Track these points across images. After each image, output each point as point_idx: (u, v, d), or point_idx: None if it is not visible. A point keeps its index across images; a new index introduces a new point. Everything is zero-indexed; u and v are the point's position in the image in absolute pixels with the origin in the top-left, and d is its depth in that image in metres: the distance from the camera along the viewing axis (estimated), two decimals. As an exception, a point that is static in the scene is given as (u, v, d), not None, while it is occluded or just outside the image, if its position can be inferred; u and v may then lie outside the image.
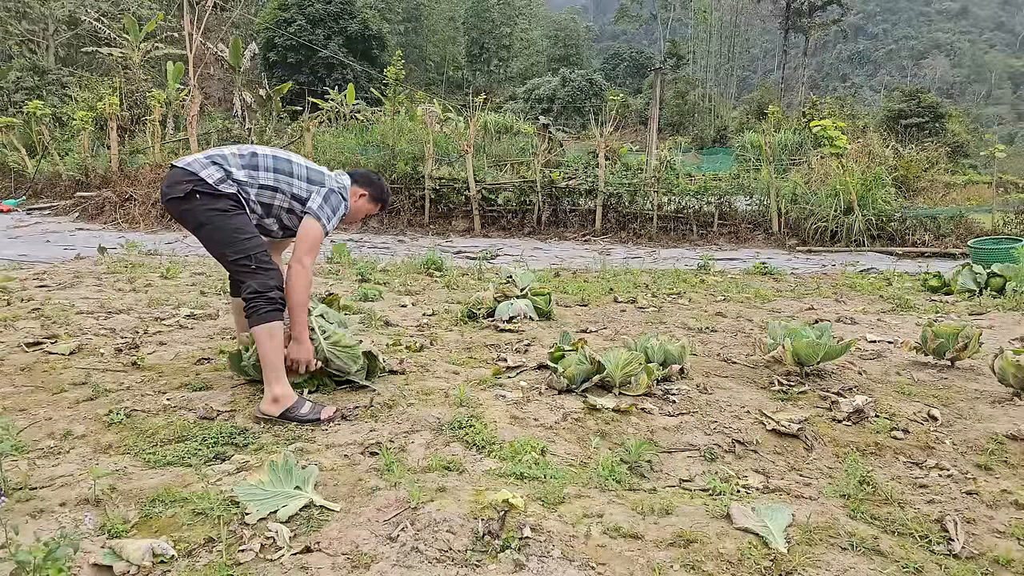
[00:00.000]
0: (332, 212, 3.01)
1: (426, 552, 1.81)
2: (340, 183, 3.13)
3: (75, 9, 30.31)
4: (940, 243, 10.90)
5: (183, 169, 2.86)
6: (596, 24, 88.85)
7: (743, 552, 1.90)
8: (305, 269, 2.87)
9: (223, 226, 2.84)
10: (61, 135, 17.76)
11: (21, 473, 2.22)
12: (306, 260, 2.88)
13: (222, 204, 2.84)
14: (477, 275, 7.23)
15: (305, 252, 2.90)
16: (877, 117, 33.15)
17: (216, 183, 2.84)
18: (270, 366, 2.76)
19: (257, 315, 2.76)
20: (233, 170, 2.91)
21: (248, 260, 2.82)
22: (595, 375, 3.23)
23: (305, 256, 2.89)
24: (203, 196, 2.82)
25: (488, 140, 15.91)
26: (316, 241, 2.94)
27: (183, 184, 2.82)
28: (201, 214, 2.84)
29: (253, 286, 2.78)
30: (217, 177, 2.85)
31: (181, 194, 2.82)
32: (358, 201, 3.26)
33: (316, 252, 2.97)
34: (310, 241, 2.93)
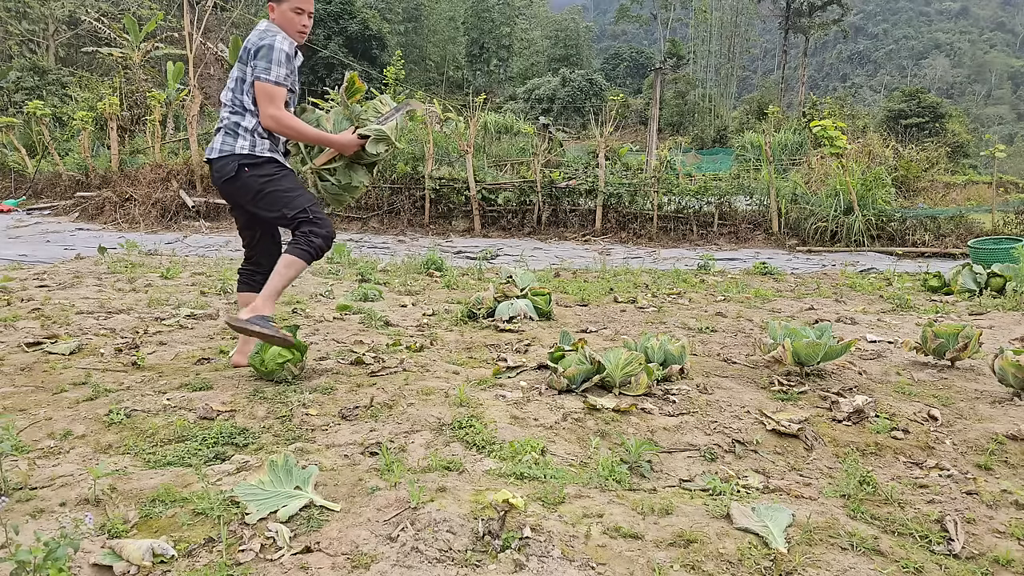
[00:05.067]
0: (266, 63, 3.08)
1: (426, 552, 1.81)
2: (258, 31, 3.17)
3: (75, 9, 30.29)
4: (940, 243, 10.90)
5: (220, 158, 3.16)
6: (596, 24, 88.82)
7: (743, 552, 1.90)
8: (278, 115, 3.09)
9: (275, 189, 3.15)
10: (61, 135, 17.76)
11: (21, 473, 2.22)
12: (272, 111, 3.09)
13: (268, 169, 3.15)
14: (477, 275, 7.23)
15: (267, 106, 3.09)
16: (877, 117, 33.17)
17: (252, 150, 3.13)
18: (272, 284, 3.13)
19: (296, 247, 3.12)
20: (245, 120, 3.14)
21: (304, 213, 3.14)
22: (595, 375, 3.23)
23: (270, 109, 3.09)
24: (251, 167, 3.13)
25: (488, 140, 15.92)
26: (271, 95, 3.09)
27: (229, 165, 3.13)
28: (255, 183, 3.14)
29: (307, 229, 3.13)
30: (247, 144, 3.13)
31: (232, 173, 3.13)
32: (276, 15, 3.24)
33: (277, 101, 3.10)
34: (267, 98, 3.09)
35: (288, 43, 3.14)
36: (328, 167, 3.35)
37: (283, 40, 3.13)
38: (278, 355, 3.19)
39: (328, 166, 3.35)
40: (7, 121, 17.00)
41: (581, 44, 57.87)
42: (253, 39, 3.15)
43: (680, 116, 44.61)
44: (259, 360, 3.19)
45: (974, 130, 41.08)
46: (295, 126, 3.14)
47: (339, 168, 3.36)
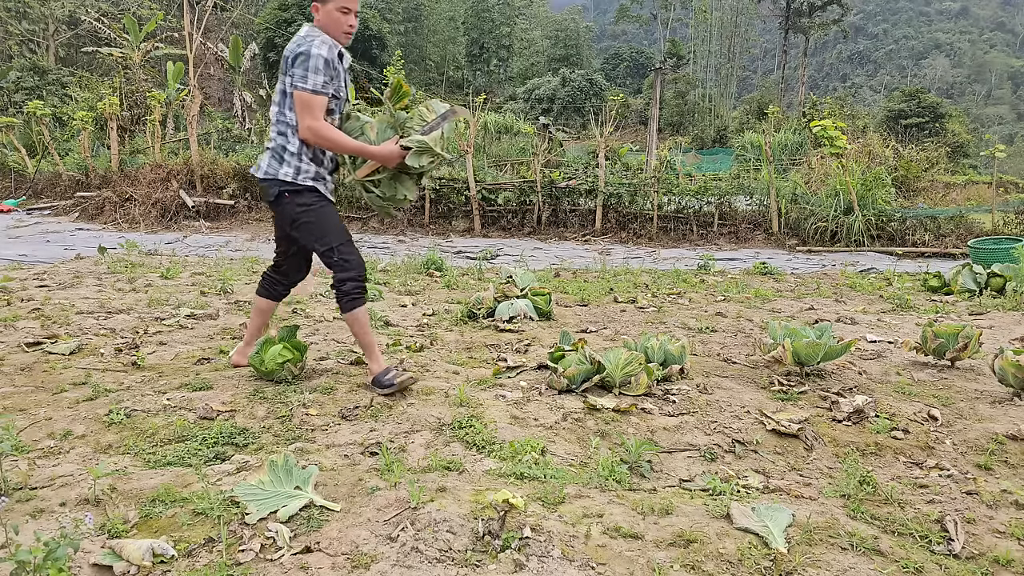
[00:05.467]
0: (303, 70, 2.95)
1: (426, 552, 1.81)
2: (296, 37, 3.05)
3: (75, 9, 30.30)
4: (940, 243, 10.90)
5: (264, 179, 3.10)
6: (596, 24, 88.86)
7: (743, 552, 1.90)
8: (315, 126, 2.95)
9: (310, 221, 3.10)
10: (61, 135, 17.75)
11: (21, 473, 2.22)
12: (309, 121, 2.95)
13: (307, 198, 3.08)
14: (477, 275, 7.23)
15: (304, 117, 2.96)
16: (877, 117, 33.16)
17: (294, 178, 3.05)
18: (361, 342, 3.20)
19: (340, 303, 3.13)
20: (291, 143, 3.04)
21: (331, 252, 3.10)
22: (595, 375, 3.23)
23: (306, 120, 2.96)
24: (291, 194, 3.07)
25: (488, 140, 15.92)
26: (307, 105, 2.96)
27: (272, 188, 3.09)
28: (292, 211, 3.09)
29: (336, 277, 3.12)
30: (291, 171, 3.05)
31: (272, 198, 3.10)
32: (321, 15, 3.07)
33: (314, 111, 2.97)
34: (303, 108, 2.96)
35: (327, 48, 2.97)
36: (372, 179, 3.17)
37: (320, 45, 2.96)
38: (278, 355, 3.19)
39: (372, 178, 3.17)
40: (7, 121, 17.00)
41: (581, 44, 57.84)
42: (291, 46, 3.02)
43: (680, 116, 44.59)
44: (259, 360, 3.19)
45: (974, 130, 41.07)
46: (332, 137, 3.00)
47: (384, 180, 3.18)
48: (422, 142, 3.05)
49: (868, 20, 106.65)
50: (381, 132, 3.14)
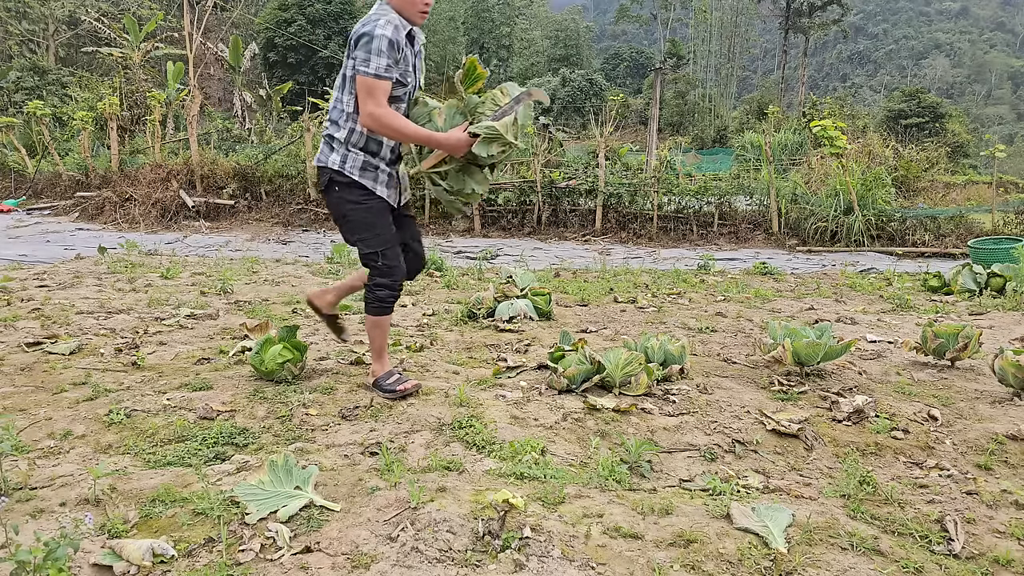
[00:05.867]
0: (367, 52, 2.73)
1: (426, 552, 1.81)
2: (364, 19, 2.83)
3: (75, 9, 30.30)
4: (940, 243, 10.90)
5: (318, 167, 2.99)
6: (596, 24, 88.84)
7: (743, 552, 1.90)
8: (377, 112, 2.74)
9: (355, 219, 2.94)
10: (61, 135, 17.76)
11: (21, 473, 2.22)
12: (371, 107, 2.75)
13: (353, 194, 2.91)
14: (477, 275, 7.23)
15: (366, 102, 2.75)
16: (877, 117, 33.17)
17: (341, 166, 2.89)
18: (372, 344, 3.13)
19: (368, 306, 3.03)
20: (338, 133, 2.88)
21: (374, 257, 2.96)
22: (595, 375, 3.23)
23: (369, 106, 2.75)
24: (340, 187, 2.92)
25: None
26: (370, 90, 2.74)
27: (323, 177, 2.97)
28: (340, 205, 2.95)
29: (374, 279, 2.99)
30: (338, 158, 2.89)
31: (323, 187, 2.98)
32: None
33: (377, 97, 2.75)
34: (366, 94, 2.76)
35: (392, 28, 2.75)
36: (438, 170, 2.91)
37: (385, 25, 2.74)
38: (278, 355, 3.19)
39: (438, 169, 2.91)
40: (7, 121, 17.01)
41: (581, 44, 57.86)
42: (356, 27, 2.82)
43: (680, 116, 44.60)
44: (259, 360, 3.19)
45: (974, 130, 41.08)
46: (395, 124, 2.76)
47: (451, 172, 2.91)
48: (491, 128, 2.76)
49: (868, 20, 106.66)
50: (449, 119, 2.87)
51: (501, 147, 2.83)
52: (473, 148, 2.79)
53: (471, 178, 2.95)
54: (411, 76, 2.91)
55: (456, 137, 2.79)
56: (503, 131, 2.78)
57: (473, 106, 2.86)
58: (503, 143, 2.82)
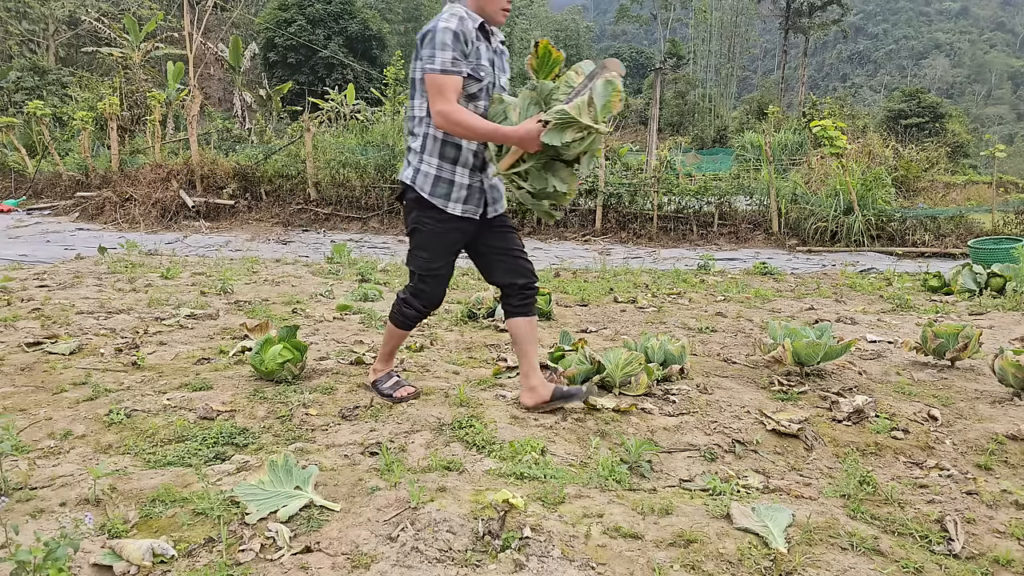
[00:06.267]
0: (431, 48, 2.60)
1: (426, 552, 1.81)
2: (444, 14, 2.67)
3: (75, 9, 30.30)
4: (940, 243, 10.90)
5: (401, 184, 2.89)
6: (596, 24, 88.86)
7: (743, 552, 1.90)
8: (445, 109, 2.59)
9: (419, 235, 2.85)
10: (61, 135, 17.76)
11: (21, 473, 2.22)
12: (440, 106, 2.59)
13: (423, 211, 2.80)
14: (477, 275, 7.23)
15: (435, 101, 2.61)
16: (877, 117, 33.17)
17: (413, 181, 2.78)
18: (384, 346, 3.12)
19: (392, 314, 3.00)
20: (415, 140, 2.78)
21: (412, 278, 2.93)
22: (595, 375, 3.23)
23: (437, 105, 2.60)
24: (409, 203, 2.83)
25: (488, 140, 15.89)
26: (437, 88, 2.60)
27: (400, 189, 2.89)
28: (409, 216, 2.86)
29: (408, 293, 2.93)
30: (411, 173, 2.79)
31: (402, 201, 2.89)
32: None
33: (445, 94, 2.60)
34: (434, 92, 2.62)
35: (456, 20, 2.61)
36: (518, 171, 2.64)
37: (450, 19, 2.61)
38: (278, 355, 3.19)
39: (517, 169, 2.64)
40: (7, 121, 17.01)
41: (581, 44, 57.86)
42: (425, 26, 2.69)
43: (680, 116, 44.60)
44: (259, 360, 3.19)
45: (974, 130, 41.09)
46: (464, 121, 2.59)
47: (531, 171, 2.62)
48: (562, 113, 2.43)
49: (868, 20, 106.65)
50: (524, 111, 2.63)
51: (578, 133, 2.48)
52: (543, 138, 2.48)
53: (553, 176, 2.64)
54: (485, 71, 2.73)
55: (525, 128, 2.52)
56: (576, 114, 2.43)
57: (547, 93, 2.59)
58: (579, 128, 2.46)
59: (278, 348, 3.20)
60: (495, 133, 2.59)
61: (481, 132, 2.61)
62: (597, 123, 2.47)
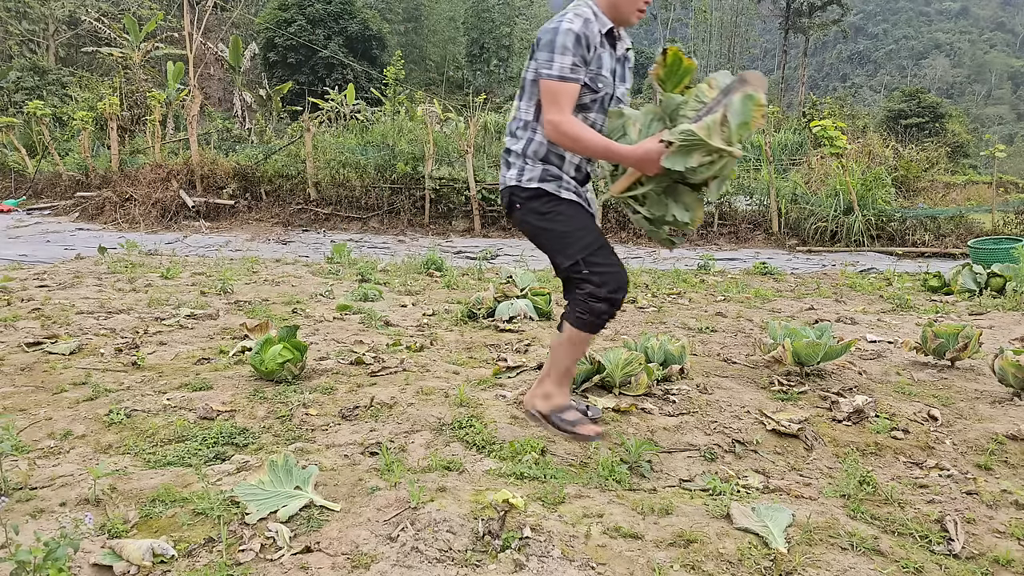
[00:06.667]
0: (550, 51, 2.34)
1: (426, 552, 1.81)
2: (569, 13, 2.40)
3: (75, 9, 30.30)
4: (940, 243, 10.90)
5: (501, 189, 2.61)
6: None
7: (743, 552, 1.90)
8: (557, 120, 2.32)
9: (547, 228, 2.49)
10: (61, 135, 17.77)
11: (21, 473, 2.22)
12: (553, 115, 2.33)
13: (537, 204, 2.48)
14: (477, 275, 7.23)
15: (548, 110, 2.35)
16: (877, 117, 33.16)
17: (518, 180, 2.49)
18: (557, 364, 2.53)
19: (573, 315, 2.47)
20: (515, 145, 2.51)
21: (577, 266, 2.45)
22: (595, 375, 3.23)
23: (550, 114, 2.34)
24: (521, 202, 2.51)
25: (488, 140, 15.90)
26: (552, 95, 2.34)
27: (504, 197, 2.59)
28: (527, 220, 2.53)
29: (586, 290, 2.44)
30: (515, 172, 2.50)
31: (507, 208, 2.59)
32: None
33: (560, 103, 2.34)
34: (548, 100, 2.36)
35: (581, 22, 2.34)
36: (634, 194, 2.37)
37: (574, 19, 2.35)
38: (278, 355, 3.19)
39: (633, 193, 2.37)
40: (7, 121, 17.01)
41: (581, 44, 57.79)
42: (545, 24, 2.43)
43: (680, 116, 44.55)
44: (259, 360, 3.19)
45: (974, 130, 41.09)
46: (577, 135, 2.32)
47: (650, 195, 2.35)
48: (688, 134, 2.13)
49: (868, 20, 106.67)
50: (645, 128, 2.34)
51: (706, 156, 2.15)
52: (664, 161, 2.18)
53: (675, 202, 2.33)
54: (604, 81, 2.46)
55: (644, 149, 2.24)
56: (705, 135, 2.11)
57: (673, 108, 2.29)
58: (708, 151, 2.13)
59: (278, 348, 3.20)
60: (609, 151, 2.33)
61: (594, 149, 2.35)
62: (731, 145, 2.14)
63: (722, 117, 2.13)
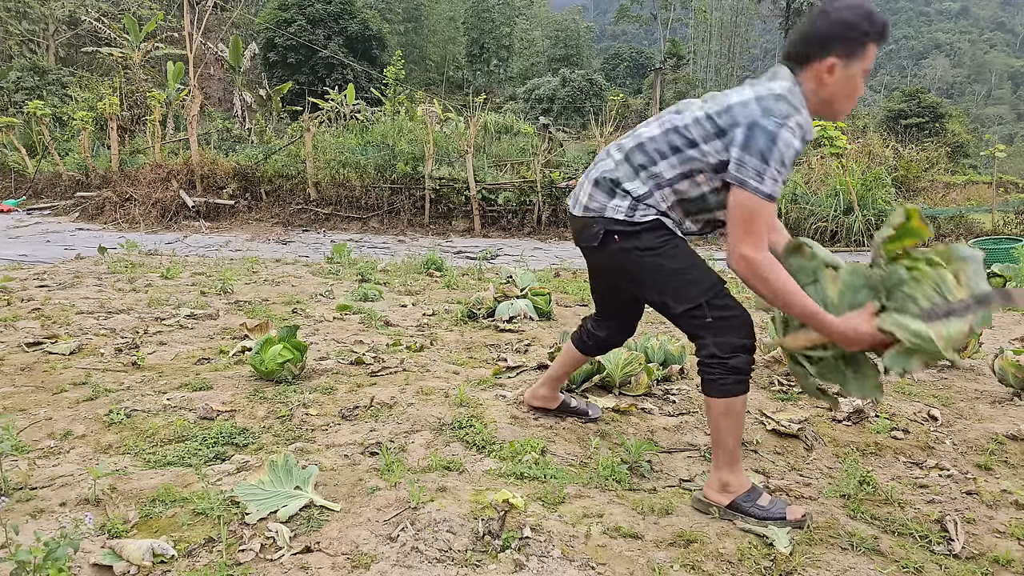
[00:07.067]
0: (763, 161, 1.91)
1: (426, 552, 1.81)
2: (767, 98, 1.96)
3: (75, 9, 30.30)
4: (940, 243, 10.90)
5: (583, 216, 2.22)
6: (596, 24, 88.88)
7: (743, 552, 1.90)
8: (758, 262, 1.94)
9: (656, 270, 2.14)
10: (61, 135, 17.77)
11: (21, 473, 2.22)
12: (747, 248, 1.94)
13: (646, 241, 2.12)
14: (477, 275, 7.23)
15: (742, 238, 1.95)
16: (877, 117, 33.15)
17: (629, 215, 2.13)
18: (722, 445, 2.14)
19: (713, 384, 2.09)
20: (632, 186, 2.13)
21: (699, 310, 2.09)
22: (595, 375, 3.23)
23: (744, 245, 1.95)
24: (623, 236, 2.14)
25: (488, 140, 15.92)
26: (751, 218, 1.95)
27: (593, 228, 2.18)
28: (625, 260, 2.17)
29: (710, 347, 2.08)
30: (627, 207, 2.13)
31: (595, 242, 2.19)
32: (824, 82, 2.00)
33: (759, 230, 1.95)
34: (743, 222, 1.96)
35: (800, 137, 1.95)
36: (808, 353, 2.07)
37: (795, 128, 1.94)
38: (278, 355, 3.19)
39: (808, 352, 2.06)
40: (7, 121, 17.01)
41: (581, 44, 57.85)
42: (745, 96, 2.00)
43: (680, 116, 44.51)
44: (259, 360, 3.19)
45: (974, 130, 41.08)
46: (775, 279, 1.93)
47: (826, 360, 2.04)
48: (919, 336, 1.77)
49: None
50: (849, 290, 1.97)
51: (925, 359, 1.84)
52: (885, 360, 1.88)
53: (855, 373, 2.02)
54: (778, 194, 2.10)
55: (853, 328, 1.90)
56: (941, 345, 1.75)
57: (894, 282, 1.88)
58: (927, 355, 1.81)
59: (278, 348, 3.20)
60: (808, 312, 1.93)
61: (791, 304, 1.95)
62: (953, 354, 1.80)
63: (967, 328, 1.78)
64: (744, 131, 1.94)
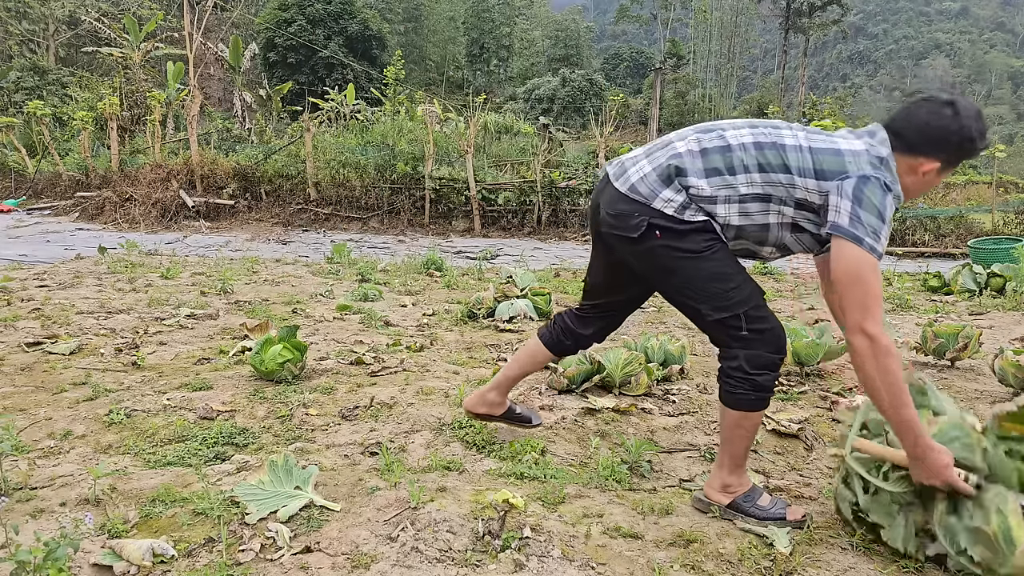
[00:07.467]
0: (878, 220, 1.80)
1: (426, 552, 1.81)
2: (873, 156, 1.88)
3: (75, 9, 30.30)
4: (940, 243, 10.91)
5: (627, 195, 2.01)
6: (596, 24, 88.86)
7: (743, 552, 1.90)
8: (882, 343, 1.76)
9: (695, 274, 1.99)
10: (61, 135, 17.77)
11: (21, 473, 2.22)
12: (872, 325, 1.77)
13: (690, 243, 1.97)
14: (477, 275, 7.23)
15: (864, 311, 1.78)
16: (877, 117, 33.17)
17: (678, 212, 1.96)
18: (728, 451, 2.08)
19: (733, 396, 2.00)
20: (696, 183, 1.95)
21: (736, 320, 1.96)
22: (595, 375, 3.23)
23: (868, 320, 1.77)
24: (664, 233, 1.97)
25: (488, 140, 15.92)
26: (868, 285, 1.78)
27: (633, 218, 1.99)
28: (663, 258, 2.00)
29: (739, 359, 1.98)
30: (679, 203, 1.95)
31: (635, 234, 1.99)
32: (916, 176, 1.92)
33: (878, 302, 1.80)
34: (862, 287, 1.78)
35: (892, 201, 1.84)
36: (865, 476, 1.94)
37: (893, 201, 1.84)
38: (278, 355, 3.19)
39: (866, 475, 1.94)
40: (7, 121, 17.02)
41: (581, 44, 57.85)
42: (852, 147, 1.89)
43: (680, 116, 44.56)
44: (259, 360, 3.19)
45: (974, 130, 40.99)
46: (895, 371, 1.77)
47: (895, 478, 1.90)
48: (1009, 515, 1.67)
49: (868, 20, 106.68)
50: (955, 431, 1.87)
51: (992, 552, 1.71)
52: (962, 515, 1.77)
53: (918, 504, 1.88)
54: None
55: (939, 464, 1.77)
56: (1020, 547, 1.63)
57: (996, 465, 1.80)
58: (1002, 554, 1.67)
59: (278, 348, 3.20)
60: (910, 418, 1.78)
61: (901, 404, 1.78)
62: None
63: None
64: (857, 183, 1.82)
